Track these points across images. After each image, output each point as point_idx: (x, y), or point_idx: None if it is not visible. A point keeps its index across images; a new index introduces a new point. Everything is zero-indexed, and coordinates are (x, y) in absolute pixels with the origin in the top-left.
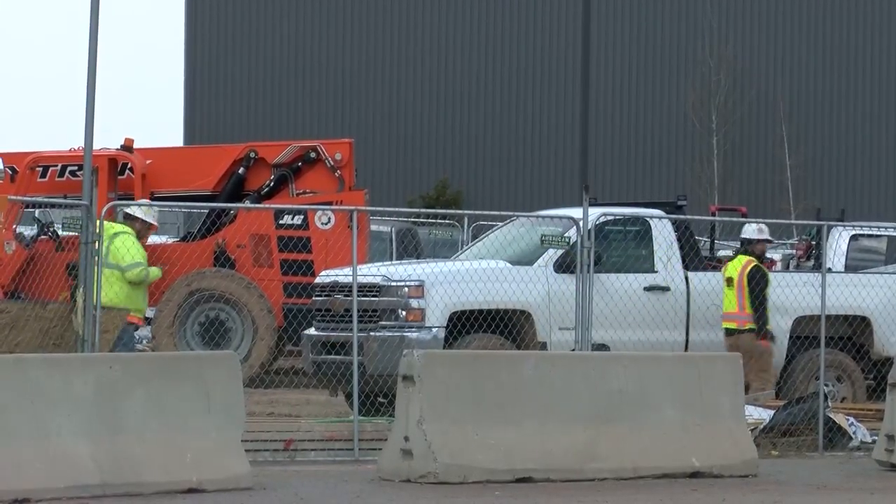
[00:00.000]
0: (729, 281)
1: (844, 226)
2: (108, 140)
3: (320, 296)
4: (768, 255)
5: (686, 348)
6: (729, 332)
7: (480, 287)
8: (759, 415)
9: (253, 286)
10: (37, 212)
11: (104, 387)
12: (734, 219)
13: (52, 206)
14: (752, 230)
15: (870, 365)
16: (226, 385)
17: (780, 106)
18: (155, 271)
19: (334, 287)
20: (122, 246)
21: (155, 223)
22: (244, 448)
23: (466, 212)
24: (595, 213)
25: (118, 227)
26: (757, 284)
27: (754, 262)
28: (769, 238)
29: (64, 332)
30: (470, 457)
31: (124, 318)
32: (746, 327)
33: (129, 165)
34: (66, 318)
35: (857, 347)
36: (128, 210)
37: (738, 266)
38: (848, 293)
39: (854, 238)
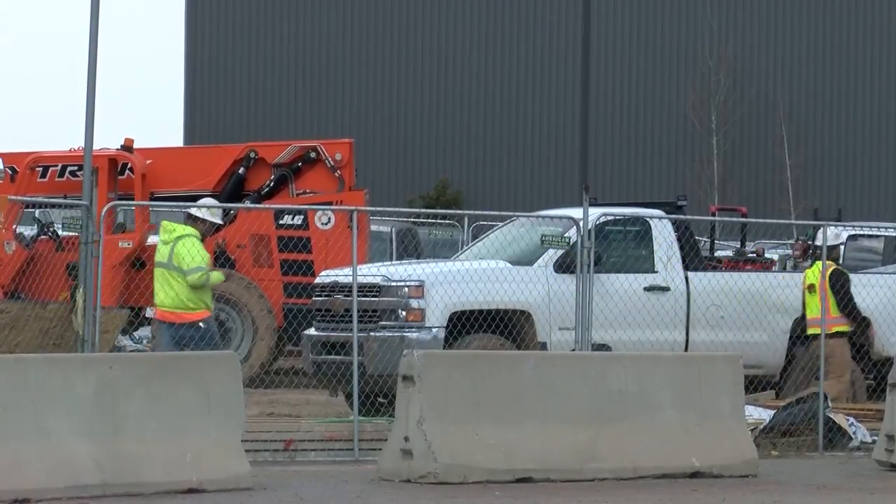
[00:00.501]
0: (811, 288)
1: (843, 226)
2: (108, 140)
3: (320, 296)
4: (767, 254)
5: (686, 348)
6: (814, 338)
7: (480, 287)
8: (759, 415)
9: (253, 286)
10: (37, 212)
11: (104, 387)
12: (734, 219)
13: (52, 206)
14: (829, 236)
15: (870, 365)
16: (226, 385)
17: (780, 106)
18: (216, 275)
19: (334, 287)
20: (185, 250)
21: (220, 222)
22: (244, 448)
23: (466, 212)
24: (595, 213)
25: (183, 229)
26: (842, 286)
27: (834, 266)
28: (843, 241)
29: (64, 332)
30: (470, 457)
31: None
32: (832, 331)
33: (129, 165)
34: (66, 318)
35: (857, 347)
36: (191, 211)
37: (818, 272)
38: None
39: (852, 238)
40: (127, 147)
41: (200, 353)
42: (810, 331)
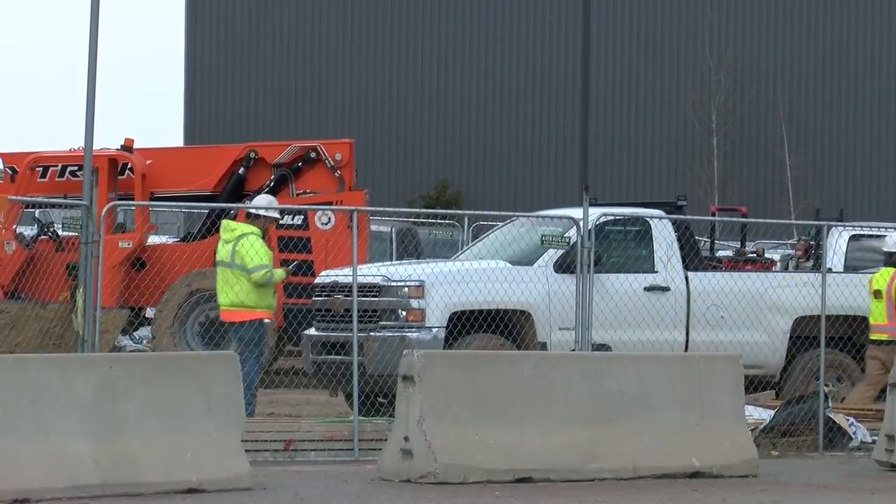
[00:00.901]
0: (877, 293)
1: (844, 226)
2: (108, 140)
3: (320, 296)
4: (767, 254)
5: (686, 348)
6: (879, 343)
7: (480, 287)
8: (759, 415)
9: None
10: (37, 212)
11: (104, 387)
12: (734, 219)
13: (52, 206)
14: (894, 242)
15: None
16: (226, 385)
17: (780, 106)
18: (279, 273)
19: (334, 287)
20: (248, 247)
21: (278, 216)
22: (244, 448)
23: (466, 212)
24: (595, 213)
25: (243, 227)
26: None
27: None
28: None
29: (64, 332)
30: (470, 457)
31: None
32: None
33: (129, 165)
34: (66, 318)
35: (858, 347)
36: (250, 210)
37: (886, 278)
38: (848, 293)
39: (854, 238)
40: (127, 147)
41: (200, 353)
42: (874, 336)
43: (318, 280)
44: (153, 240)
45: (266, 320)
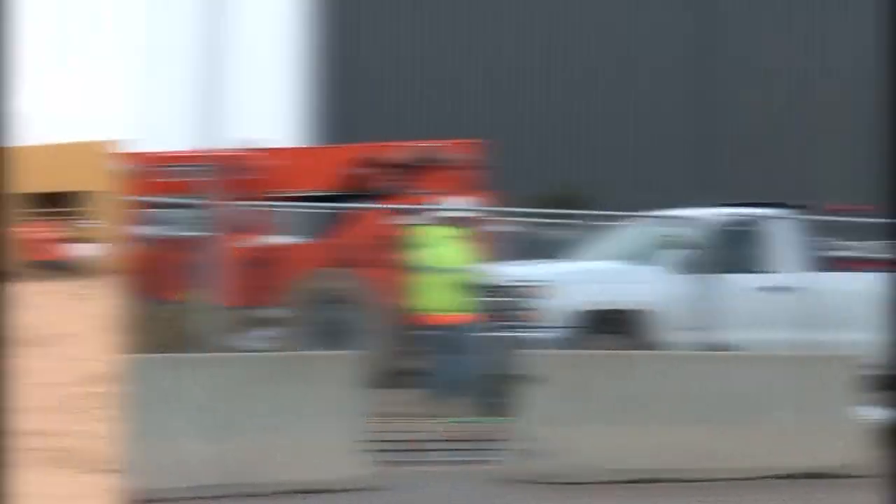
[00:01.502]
0: None
1: None
2: (223, 139)
3: None
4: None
5: (804, 349)
6: None
7: (602, 287)
8: (877, 415)
9: (374, 286)
10: (157, 212)
11: (220, 387)
12: (860, 219)
13: (173, 206)
14: None
15: None
16: (344, 385)
17: None
18: (479, 273)
19: None
20: (448, 249)
21: (471, 216)
22: (366, 448)
23: (586, 212)
24: (715, 213)
25: (443, 231)
26: None
27: None
28: None
29: (180, 332)
30: (589, 457)
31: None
32: None
33: (249, 165)
34: (183, 317)
35: None
36: (443, 215)
37: None
38: None
39: None
40: (247, 147)
41: (319, 354)
42: None
43: None
44: (272, 241)
45: (465, 324)
